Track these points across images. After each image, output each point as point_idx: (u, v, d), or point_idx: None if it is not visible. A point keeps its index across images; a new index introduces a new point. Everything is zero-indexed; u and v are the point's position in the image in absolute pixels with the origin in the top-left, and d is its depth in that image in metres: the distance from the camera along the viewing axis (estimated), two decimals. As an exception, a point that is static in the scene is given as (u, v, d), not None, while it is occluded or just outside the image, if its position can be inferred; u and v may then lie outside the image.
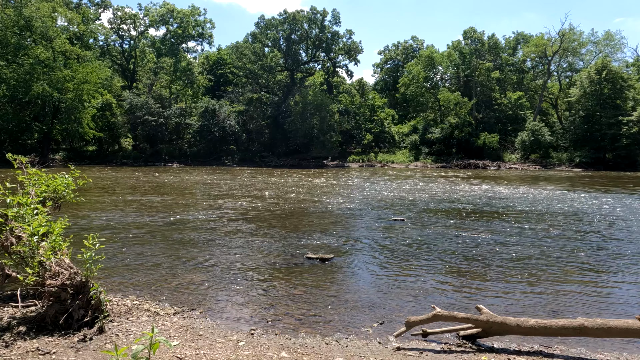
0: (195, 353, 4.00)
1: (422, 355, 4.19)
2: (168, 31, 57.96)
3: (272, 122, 52.16)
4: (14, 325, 4.41)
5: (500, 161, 48.54)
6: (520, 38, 66.82)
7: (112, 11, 56.15)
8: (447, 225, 11.52)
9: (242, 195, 17.94)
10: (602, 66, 45.34)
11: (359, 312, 5.39)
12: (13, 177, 5.81)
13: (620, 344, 4.55)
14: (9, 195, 5.05)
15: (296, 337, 4.59)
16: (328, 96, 52.09)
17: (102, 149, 49.68)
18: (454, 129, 51.57)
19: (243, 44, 56.01)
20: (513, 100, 56.78)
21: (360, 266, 7.56)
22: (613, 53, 54.40)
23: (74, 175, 6.25)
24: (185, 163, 46.91)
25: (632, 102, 45.00)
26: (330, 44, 54.17)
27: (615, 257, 8.30)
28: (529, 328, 4.27)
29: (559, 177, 33.17)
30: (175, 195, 17.87)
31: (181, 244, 8.90)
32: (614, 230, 11.04)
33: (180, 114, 51.49)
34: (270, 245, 8.84)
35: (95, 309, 4.49)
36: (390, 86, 72.14)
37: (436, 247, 8.92)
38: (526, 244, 9.32)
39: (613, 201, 17.08)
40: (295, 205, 15.03)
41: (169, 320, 4.87)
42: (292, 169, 40.92)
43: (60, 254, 4.71)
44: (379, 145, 56.45)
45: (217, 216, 12.51)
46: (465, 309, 5.31)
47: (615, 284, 6.78)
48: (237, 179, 27.63)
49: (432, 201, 16.71)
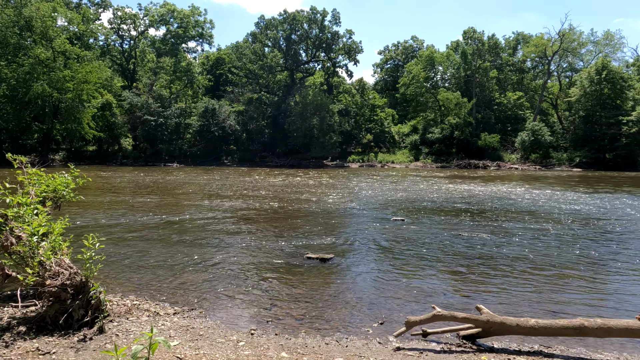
0: (195, 353, 4.00)
1: (422, 355, 4.19)
2: (168, 31, 57.94)
3: (272, 122, 52.15)
4: (14, 325, 4.41)
5: (500, 161, 48.53)
6: (520, 38, 66.85)
7: (112, 11, 56.22)
8: (447, 225, 11.52)
9: (242, 195, 17.93)
10: (602, 66, 45.33)
11: (359, 312, 5.39)
12: (13, 177, 5.81)
13: (620, 344, 4.55)
14: (9, 195, 5.05)
15: (296, 337, 4.59)
16: (328, 96, 52.07)
17: (102, 149, 49.66)
18: (454, 129, 51.55)
19: (243, 44, 56.01)
20: (513, 100, 56.78)
21: (360, 266, 7.56)
22: (613, 53, 54.41)
23: (73, 175, 6.25)
24: (185, 163, 46.91)
25: (632, 102, 45.01)
26: (330, 44, 54.16)
27: (615, 257, 8.30)
28: (529, 328, 4.27)
29: (558, 177, 33.17)
30: (175, 195, 17.86)
31: (181, 244, 8.90)
32: (614, 230, 11.03)
33: (180, 114, 51.49)
34: (270, 245, 8.84)
35: (95, 309, 4.49)
36: (390, 86, 72.13)
37: (436, 247, 8.92)
38: (526, 243, 9.31)
39: (613, 201, 17.07)
40: (295, 205, 15.02)
41: (169, 320, 4.87)
42: (292, 169, 40.92)
43: (60, 254, 4.71)
44: (378, 145, 56.44)
45: (216, 216, 12.51)
46: (465, 309, 5.31)
47: (615, 283, 6.77)
48: (237, 178, 27.62)
49: (432, 201, 16.71)
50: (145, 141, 49.73)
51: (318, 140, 48.75)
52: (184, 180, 26.22)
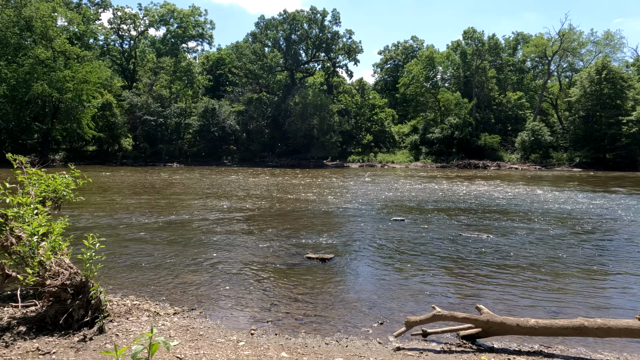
0: (195, 353, 4.00)
1: (422, 355, 4.19)
2: (168, 31, 57.97)
3: (272, 122, 52.16)
4: (14, 325, 4.41)
5: (500, 161, 48.54)
6: (520, 38, 66.87)
7: (112, 11, 56.24)
8: (447, 225, 11.52)
9: (242, 195, 17.94)
10: (602, 66, 45.34)
11: (359, 312, 5.39)
12: (13, 177, 5.81)
13: (620, 344, 4.54)
14: (9, 195, 5.04)
15: (296, 337, 4.59)
16: (328, 96, 52.07)
17: (102, 149, 49.65)
18: (454, 129, 51.54)
19: (243, 44, 56.01)
20: (513, 100, 56.78)
21: (360, 266, 7.56)
22: (613, 53, 54.46)
23: (74, 175, 6.24)
24: (185, 163, 46.91)
25: (632, 102, 45.01)
26: (330, 44, 54.17)
27: (615, 257, 8.30)
28: (529, 328, 4.27)
29: (559, 177, 33.16)
30: (175, 195, 17.86)
31: (181, 244, 8.90)
32: (613, 230, 11.04)
33: (180, 114, 51.51)
34: (270, 245, 8.84)
35: (95, 309, 4.48)
36: (390, 86, 72.14)
37: (436, 247, 8.92)
38: (526, 243, 9.31)
39: (613, 201, 17.07)
40: (295, 205, 15.02)
41: (169, 320, 4.87)
42: (292, 169, 40.92)
43: (60, 254, 4.71)
44: (378, 145, 56.44)
45: (216, 216, 12.51)
46: (465, 309, 5.31)
47: (615, 283, 6.77)
48: (237, 179, 27.63)
49: (432, 201, 16.71)
50: (145, 141, 49.72)
51: (318, 140, 48.74)
52: (184, 180, 26.22)
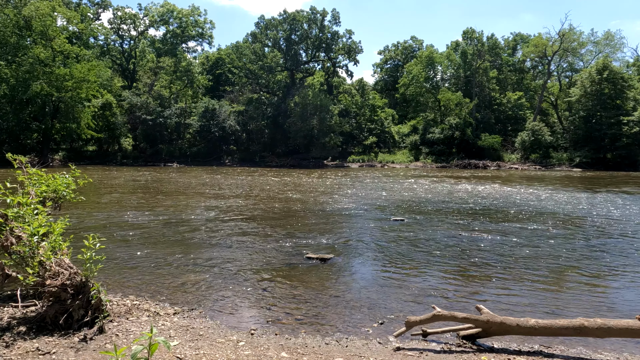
0: (195, 353, 4.00)
1: (422, 355, 4.19)
2: (168, 31, 57.93)
3: (272, 122, 52.14)
4: (14, 325, 4.41)
5: (500, 161, 48.52)
6: (518, 39, 66.87)
7: (112, 11, 56.21)
8: (447, 225, 11.52)
9: (242, 195, 17.94)
10: (603, 66, 45.32)
11: (359, 312, 5.39)
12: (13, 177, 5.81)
13: (620, 344, 4.54)
14: (9, 195, 5.04)
15: (296, 337, 4.59)
16: (328, 96, 52.05)
17: (102, 149, 49.65)
18: (454, 129, 51.55)
19: (243, 44, 55.99)
20: (513, 100, 56.77)
21: (360, 266, 7.56)
22: (613, 53, 54.41)
23: (74, 175, 6.24)
24: (185, 163, 46.90)
25: (632, 102, 45.00)
26: (330, 44, 54.15)
27: (615, 257, 8.30)
28: (529, 328, 4.27)
29: (559, 177, 33.16)
30: (175, 195, 17.86)
31: (181, 244, 8.90)
32: (613, 230, 11.03)
33: (180, 114, 51.49)
34: (270, 245, 8.83)
35: (95, 309, 4.48)
36: (390, 86, 72.13)
37: (436, 247, 8.92)
38: (526, 243, 9.31)
39: (613, 201, 17.07)
40: (295, 205, 15.02)
41: (169, 320, 4.87)
42: (292, 169, 40.91)
43: (60, 254, 4.71)
44: (379, 145, 56.42)
45: (216, 216, 12.51)
46: (465, 309, 5.31)
47: (615, 283, 6.77)
48: (237, 178, 27.62)
49: (432, 201, 16.71)
50: (145, 141, 49.73)
51: (318, 140, 48.72)
52: (184, 180, 26.22)
